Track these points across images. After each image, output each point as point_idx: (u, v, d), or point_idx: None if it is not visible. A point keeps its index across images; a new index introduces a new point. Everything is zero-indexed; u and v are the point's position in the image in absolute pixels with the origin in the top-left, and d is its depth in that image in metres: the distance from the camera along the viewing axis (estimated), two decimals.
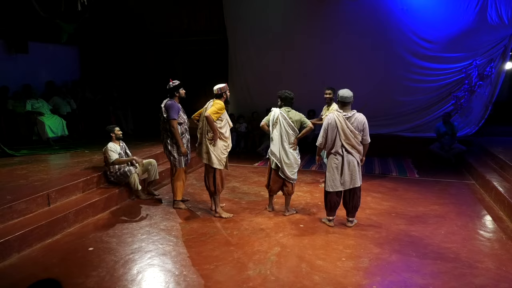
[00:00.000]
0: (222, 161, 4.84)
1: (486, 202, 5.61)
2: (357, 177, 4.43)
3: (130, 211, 5.25)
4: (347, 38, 8.96)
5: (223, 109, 4.74)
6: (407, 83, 8.90)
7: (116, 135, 5.57)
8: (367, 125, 4.38)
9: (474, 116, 8.89)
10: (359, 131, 4.34)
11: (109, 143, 5.51)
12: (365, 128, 4.37)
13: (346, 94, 4.36)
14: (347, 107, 4.40)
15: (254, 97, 10.00)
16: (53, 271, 3.59)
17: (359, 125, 4.34)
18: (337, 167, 4.45)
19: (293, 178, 4.92)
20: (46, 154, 7.08)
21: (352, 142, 4.35)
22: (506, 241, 4.25)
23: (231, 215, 4.96)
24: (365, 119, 4.38)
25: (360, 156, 4.46)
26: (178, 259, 3.82)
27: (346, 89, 4.39)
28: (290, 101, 4.87)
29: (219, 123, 4.73)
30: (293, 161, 4.85)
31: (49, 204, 4.71)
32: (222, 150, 4.81)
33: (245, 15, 9.68)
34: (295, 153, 4.87)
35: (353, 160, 4.40)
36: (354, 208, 4.60)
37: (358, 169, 4.44)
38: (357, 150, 4.39)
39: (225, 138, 4.81)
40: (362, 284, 3.35)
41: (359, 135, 4.35)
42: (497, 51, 8.44)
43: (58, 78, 9.71)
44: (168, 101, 5.06)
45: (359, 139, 4.36)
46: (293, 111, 4.87)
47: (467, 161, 7.52)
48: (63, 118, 8.34)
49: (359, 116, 4.37)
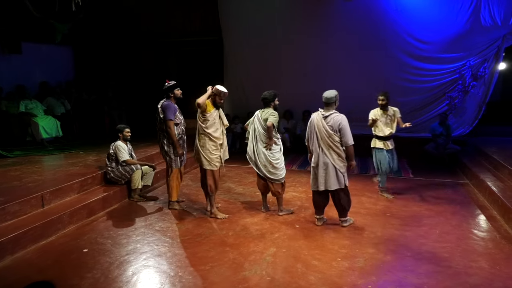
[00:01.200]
0: (212, 162, 4.79)
1: (480, 202, 5.65)
2: (332, 180, 4.32)
3: (125, 212, 5.23)
4: (342, 38, 8.98)
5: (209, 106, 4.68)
6: (402, 83, 8.94)
7: (124, 136, 5.62)
8: (345, 126, 4.21)
9: (468, 116, 8.95)
10: (334, 131, 4.23)
11: (118, 141, 5.57)
12: (342, 128, 4.21)
13: (326, 95, 4.33)
14: (328, 107, 4.34)
15: (250, 97, 10.00)
16: (47, 273, 3.57)
17: (335, 125, 4.23)
18: (314, 167, 4.45)
19: (272, 178, 4.84)
20: (40, 155, 7.03)
21: (328, 142, 4.27)
22: (499, 241, 4.28)
23: (226, 215, 4.95)
24: (342, 120, 4.22)
25: (339, 159, 4.30)
26: (173, 260, 3.81)
27: (330, 90, 4.36)
28: (267, 101, 4.85)
29: (205, 123, 4.71)
30: (265, 160, 4.81)
31: (43, 205, 4.68)
32: (212, 151, 4.75)
33: (240, 15, 9.68)
34: (269, 153, 4.80)
35: (327, 162, 4.31)
36: (342, 210, 4.55)
37: (334, 172, 4.31)
38: (334, 151, 4.28)
39: (214, 138, 4.75)
40: (357, 284, 3.36)
41: (335, 135, 4.25)
42: (490, 52, 8.51)
43: (52, 79, 9.65)
44: (165, 101, 5.04)
45: (335, 140, 4.25)
46: (267, 110, 4.83)
47: (461, 161, 7.57)
48: (57, 119, 8.29)
49: (336, 116, 4.26)
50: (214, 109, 4.75)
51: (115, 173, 5.52)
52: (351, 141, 4.24)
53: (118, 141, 5.57)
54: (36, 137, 7.87)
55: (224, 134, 4.92)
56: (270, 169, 4.83)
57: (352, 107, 8.22)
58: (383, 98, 5.50)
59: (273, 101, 4.86)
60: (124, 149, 5.52)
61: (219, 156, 4.84)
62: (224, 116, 4.93)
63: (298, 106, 9.49)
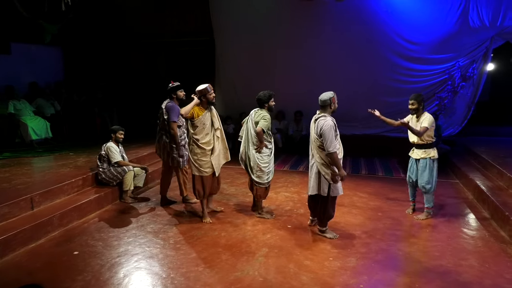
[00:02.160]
0: (201, 168, 4.69)
1: (469, 201, 5.72)
2: (312, 184, 4.19)
3: (116, 214, 5.19)
4: (333, 38, 9.03)
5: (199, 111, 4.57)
6: (392, 84, 9.02)
7: (117, 137, 5.57)
8: (327, 132, 3.93)
9: (457, 116, 9.07)
10: (317, 135, 4.07)
11: (110, 142, 5.53)
12: (324, 134, 3.95)
13: (320, 97, 4.17)
14: (322, 109, 4.17)
15: (242, 98, 9.99)
16: (37, 276, 3.52)
17: (317, 129, 4.06)
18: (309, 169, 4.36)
19: (257, 181, 4.79)
20: (30, 157, 6.95)
21: (314, 146, 4.15)
22: (488, 239, 4.34)
23: (209, 220, 4.84)
24: (324, 125, 3.96)
25: (324, 164, 4.08)
26: (165, 261, 3.79)
27: (326, 92, 4.19)
28: (261, 102, 4.80)
29: (193, 128, 4.61)
30: (253, 163, 4.78)
31: (33, 207, 4.62)
32: (200, 157, 4.66)
33: (232, 15, 9.68)
34: (258, 155, 4.75)
35: (313, 166, 4.21)
36: (319, 217, 4.35)
37: (316, 177, 4.16)
38: (319, 156, 4.11)
39: (201, 145, 4.61)
40: (349, 283, 3.38)
41: (318, 140, 4.07)
42: (479, 53, 8.63)
43: (41, 79, 9.54)
44: (169, 102, 5.09)
45: (319, 144, 4.07)
46: (261, 112, 4.77)
47: (451, 160, 7.65)
48: (46, 120, 8.19)
49: (321, 120, 4.05)
50: (205, 111, 4.62)
51: (106, 174, 5.48)
52: (332, 149, 3.92)
53: (110, 142, 5.54)
54: (25, 138, 7.76)
55: (217, 138, 4.75)
56: (257, 172, 4.78)
57: (343, 107, 8.25)
58: (412, 102, 4.86)
59: (268, 102, 4.79)
60: (116, 150, 5.49)
61: (209, 162, 4.70)
62: (216, 118, 4.75)
63: (290, 107, 9.52)
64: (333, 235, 4.33)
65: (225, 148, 4.91)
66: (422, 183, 4.83)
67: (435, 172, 4.83)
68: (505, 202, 4.85)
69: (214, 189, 5.00)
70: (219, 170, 4.86)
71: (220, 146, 4.80)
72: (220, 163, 4.85)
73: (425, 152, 4.80)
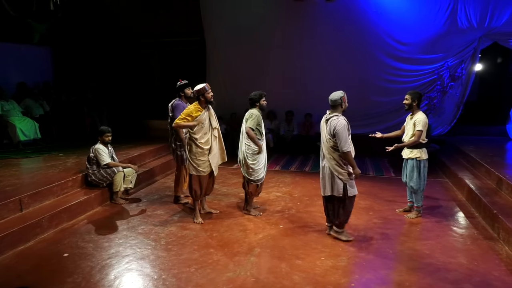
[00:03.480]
0: (199, 168, 4.70)
1: (458, 199, 5.79)
2: (326, 186, 4.12)
3: (107, 215, 5.14)
4: (324, 38, 9.08)
5: (195, 113, 4.55)
6: (382, 83, 9.10)
7: (103, 139, 5.49)
8: (341, 131, 3.91)
9: (446, 116, 9.18)
10: (330, 136, 4.02)
11: (98, 144, 5.46)
12: (337, 134, 3.92)
13: (330, 97, 4.08)
14: (333, 109, 4.09)
15: (233, 98, 9.99)
16: (26, 279, 3.48)
17: (330, 129, 4.00)
18: (320, 170, 4.27)
19: (248, 177, 4.88)
20: (18, 158, 6.85)
21: (326, 146, 4.09)
22: (477, 237, 4.40)
23: (201, 221, 4.82)
24: (338, 125, 3.94)
25: (337, 165, 4.03)
26: (156, 263, 3.77)
27: (336, 91, 4.09)
28: (252, 102, 4.89)
29: (192, 128, 4.61)
30: (243, 160, 4.87)
31: (22, 209, 4.56)
32: (198, 157, 4.67)
33: (223, 15, 9.66)
34: (247, 152, 4.82)
35: (326, 167, 4.12)
36: (334, 218, 4.26)
37: (330, 178, 4.09)
38: (331, 156, 4.05)
39: (200, 144, 4.61)
40: (341, 282, 3.40)
41: (331, 140, 4.02)
42: (467, 53, 8.75)
43: (29, 80, 9.41)
44: (176, 101, 5.28)
45: (332, 145, 4.02)
46: (251, 111, 4.85)
47: (440, 159, 7.74)
48: (35, 121, 8.09)
49: (333, 120, 4.00)
50: (203, 111, 4.62)
51: (96, 176, 5.42)
52: (346, 148, 3.92)
53: (98, 144, 5.47)
54: (14, 139, 7.66)
55: (215, 137, 4.76)
56: (247, 169, 4.87)
57: None
58: (407, 96, 4.83)
59: (259, 102, 4.86)
60: (104, 152, 5.42)
61: (206, 161, 4.71)
62: (214, 117, 4.76)
63: (281, 107, 9.54)
64: (348, 238, 4.27)
65: (222, 148, 4.92)
66: (410, 182, 4.86)
67: (422, 172, 4.81)
68: (493, 201, 4.93)
69: (208, 189, 5.01)
70: (217, 170, 4.88)
71: (217, 146, 4.83)
72: (217, 163, 4.87)
73: (412, 152, 4.80)
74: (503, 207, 4.68)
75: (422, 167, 4.80)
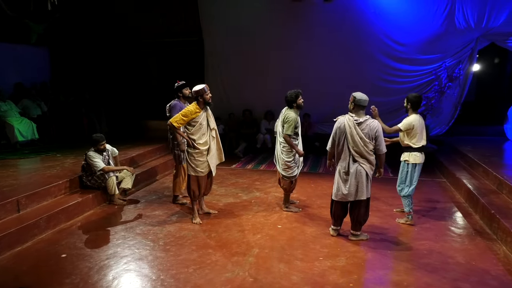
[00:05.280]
0: (198, 168, 4.70)
1: (456, 199, 5.80)
2: (364, 190, 4.03)
3: (105, 216, 5.13)
4: (322, 39, 9.08)
5: (193, 114, 4.54)
6: (381, 83, 9.11)
7: (98, 148, 5.39)
8: (380, 133, 3.97)
9: (444, 116, 9.21)
10: (370, 139, 3.95)
11: (91, 152, 5.37)
12: (378, 136, 3.95)
13: (362, 98, 4.00)
14: (361, 111, 4.03)
15: (231, 98, 10.00)
16: (23, 280, 3.47)
17: (371, 132, 3.93)
18: (343, 176, 4.11)
19: (283, 174, 5.02)
20: (16, 159, 6.83)
21: (361, 151, 3.96)
22: (475, 237, 4.41)
23: (200, 221, 4.82)
24: (378, 127, 3.97)
25: (371, 167, 4.05)
26: (155, 263, 3.77)
27: (361, 93, 4.05)
28: (289, 102, 4.95)
29: (190, 129, 4.61)
30: (279, 157, 5.02)
31: (19, 210, 4.55)
32: (196, 157, 4.67)
33: (221, 15, 9.65)
34: (283, 150, 4.96)
35: (360, 171, 4.00)
36: (357, 223, 4.21)
37: (366, 181, 4.04)
38: (367, 159, 4.00)
39: (198, 144, 4.61)
40: (339, 282, 3.40)
41: (370, 143, 3.96)
42: (464, 54, 8.78)
43: (27, 80, 9.39)
44: (173, 101, 5.30)
45: (369, 148, 3.97)
46: (289, 111, 4.92)
47: (438, 160, 7.76)
48: (33, 121, 8.06)
49: (372, 122, 3.97)
50: (201, 111, 4.62)
51: (91, 182, 5.42)
52: (385, 149, 4.04)
53: (91, 152, 5.36)
54: (11, 140, 7.63)
55: (213, 137, 4.77)
56: (282, 166, 5.00)
57: (332, 107, 8.33)
58: (405, 99, 4.82)
59: (295, 102, 4.91)
60: (97, 157, 5.32)
61: (205, 162, 4.72)
62: (212, 118, 4.77)
63: (279, 107, 9.51)
64: (367, 236, 4.33)
65: (220, 149, 4.92)
66: (399, 186, 4.79)
67: (409, 177, 4.65)
68: (491, 201, 4.94)
69: (206, 189, 5.02)
70: (215, 170, 4.88)
71: (215, 146, 4.83)
72: (216, 162, 4.87)
73: (403, 154, 4.71)
74: (501, 207, 4.69)
75: (410, 171, 4.63)
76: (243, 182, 6.74)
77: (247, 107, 9.69)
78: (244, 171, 7.57)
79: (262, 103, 9.66)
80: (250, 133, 9.40)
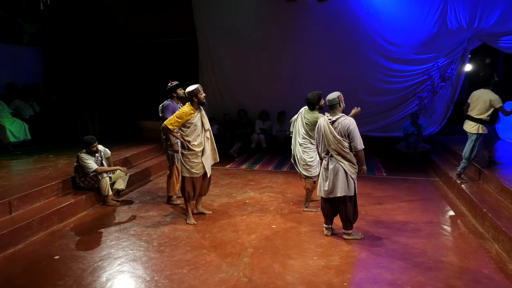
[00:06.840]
0: (192, 170, 4.68)
1: (449, 198, 5.85)
2: (339, 186, 4.08)
3: (98, 217, 5.10)
4: (316, 39, 9.10)
5: (188, 115, 4.54)
6: (375, 83, 9.15)
7: (90, 150, 5.33)
8: (353, 130, 4.00)
9: (437, 115, 9.27)
10: (343, 136, 4.02)
11: (82, 153, 5.32)
12: (351, 133, 3.99)
13: (328, 97, 4.14)
14: (334, 110, 4.13)
15: (225, 98, 9.99)
16: (16, 282, 3.44)
17: (343, 130, 4.01)
18: (323, 172, 4.24)
19: (305, 174, 5.02)
20: (8, 160, 6.76)
21: (337, 148, 4.04)
22: (468, 235, 4.45)
23: (194, 222, 4.81)
24: (350, 124, 4.01)
25: (351, 165, 4.08)
26: (149, 264, 3.75)
27: (333, 92, 4.16)
28: (311, 105, 4.90)
29: (185, 130, 4.60)
30: (299, 158, 5.03)
31: (11, 212, 4.51)
32: (191, 159, 4.66)
33: (215, 16, 9.63)
34: (304, 150, 4.98)
35: (338, 168, 4.07)
36: (346, 221, 4.24)
37: (345, 179, 4.07)
38: (344, 157, 4.05)
39: (192, 146, 4.61)
40: (333, 282, 3.41)
41: (345, 141, 4.02)
42: (457, 54, 8.85)
43: (19, 80, 9.28)
44: (166, 101, 5.28)
45: (344, 146, 4.02)
46: (312, 112, 4.89)
47: (431, 159, 7.81)
48: (25, 122, 7.99)
49: (344, 120, 4.04)
50: (196, 112, 4.61)
51: (84, 183, 5.39)
52: (361, 146, 4.03)
53: (82, 153, 5.31)
54: (3, 140, 7.56)
55: (207, 138, 4.76)
56: (304, 166, 4.99)
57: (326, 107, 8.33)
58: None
59: (318, 103, 4.88)
60: (89, 159, 5.28)
61: (200, 163, 4.71)
62: (206, 119, 4.76)
63: (273, 107, 9.55)
64: (360, 235, 4.33)
65: (214, 149, 4.92)
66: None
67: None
68: (483, 199, 4.99)
69: (203, 190, 5.02)
70: (210, 171, 4.87)
71: (209, 147, 4.82)
72: (210, 163, 4.86)
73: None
74: (493, 206, 4.74)
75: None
76: (238, 182, 6.73)
77: (241, 107, 9.68)
78: (238, 171, 7.56)
79: (256, 103, 9.67)
80: (244, 133, 9.40)
